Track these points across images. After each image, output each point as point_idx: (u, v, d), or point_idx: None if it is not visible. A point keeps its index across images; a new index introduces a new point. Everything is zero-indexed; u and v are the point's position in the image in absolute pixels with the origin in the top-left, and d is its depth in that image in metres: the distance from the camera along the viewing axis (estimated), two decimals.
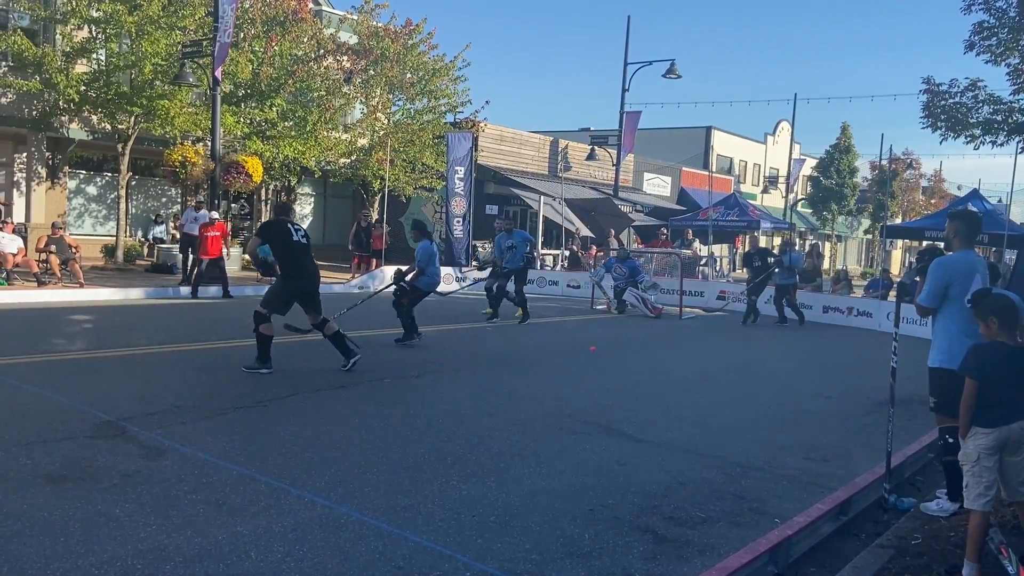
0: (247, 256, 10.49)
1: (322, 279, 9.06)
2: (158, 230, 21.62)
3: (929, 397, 5.16)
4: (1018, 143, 17.68)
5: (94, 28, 17.54)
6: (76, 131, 19.33)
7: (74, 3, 17.05)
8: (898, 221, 42.87)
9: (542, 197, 24.84)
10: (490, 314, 13.92)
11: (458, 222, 21.70)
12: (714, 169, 38.86)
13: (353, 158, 22.69)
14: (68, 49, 17.39)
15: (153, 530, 4.10)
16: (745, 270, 20.15)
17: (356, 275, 19.83)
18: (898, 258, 53.48)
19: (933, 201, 49.18)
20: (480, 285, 15.34)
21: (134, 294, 14.77)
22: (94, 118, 18.97)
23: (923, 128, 18.61)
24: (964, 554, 3.93)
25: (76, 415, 6.16)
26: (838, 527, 4.88)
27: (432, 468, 5.38)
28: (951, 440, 4.80)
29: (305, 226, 26.81)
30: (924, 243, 25.15)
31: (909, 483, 5.94)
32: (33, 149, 19.40)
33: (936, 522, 4.85)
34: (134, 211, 22.15)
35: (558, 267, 24.93)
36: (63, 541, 3.91)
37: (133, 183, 21.40)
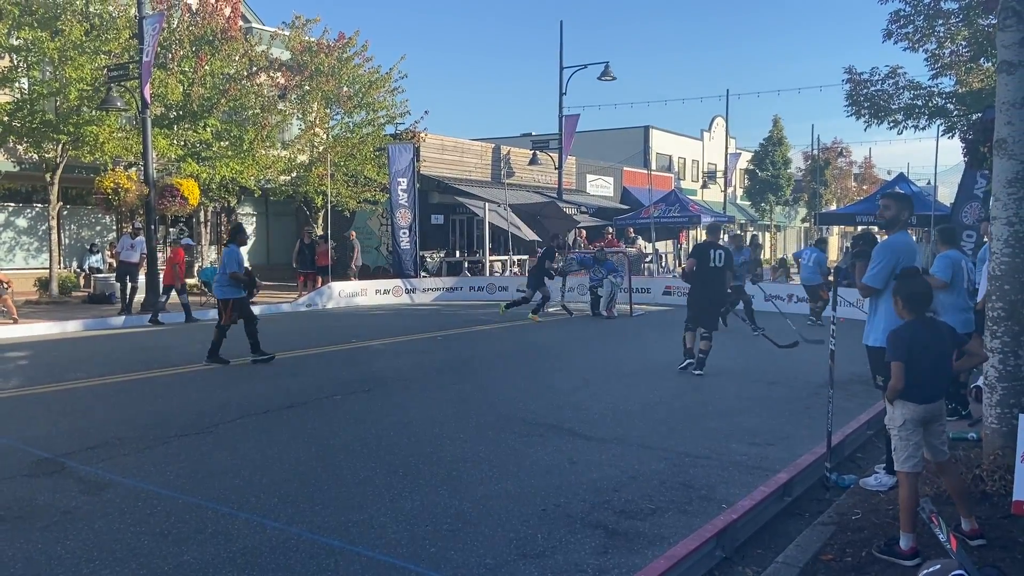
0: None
1: (269, 299, 8.92)
2: (94, 259, 21.04)
3: (874, 376, 5.31)
4: (939, 126, 18.36)
5: (15, 56, 17.03)
6: (2, 163, 18.72)
7: None
8: (832, 208, 44.11)
9: (487, 204, 24.89)
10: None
11: (404, 233, 21.61)
12: (654, 167, 39.41)
13: (293, 175, 22.43)
14: None
15: (96, 566, 4.00)
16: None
17: (303, 293, 19.59)
18: (835, 244, 54.93)
19: (865, 187, 50.66)
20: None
21: (71, 327, 14.35)
22: (20, 148, 18.39)
23: (848, 116, 19.15)
24: (900, 526, 4.08)
25: (13, 454, 5.97)
26: (782, 508, 5.02)
27: (383, 481, 5.36)
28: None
29: (248, 246, 26.53)
30: (859, 228, 25.92)
31: (850, 460, 6.14)
32: None
33: (875, 496, 5.02)
34: (67, 241, 21.53)
35: (507, 272, 25.01)
36: None
37: (65, 213, 20.81)
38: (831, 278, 15.20)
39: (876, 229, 14.72)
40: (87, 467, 5.65)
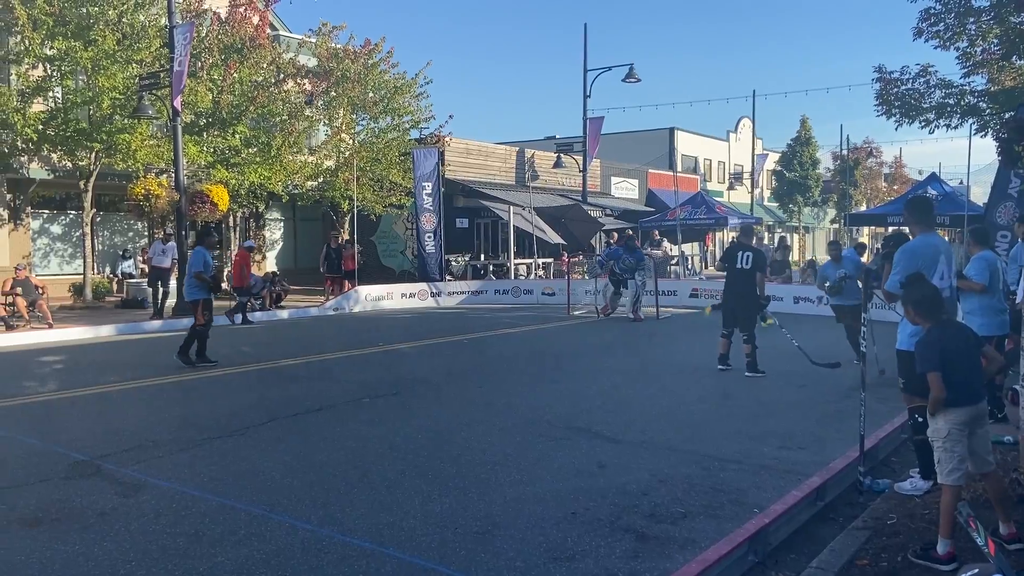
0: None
1: (297, 303, 9.02)
2: (126, 265, 21.39)
3: (899, 378, 5.26)
4: (972, 125, 18.08)
5: (49, 66, 17.38)
6: (36, 171, 19.09)
7: (27, 42, 16.87)
8: (862, 209, 43.55)
9: (511, 207, 24.93)
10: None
11: (429, 237, 21.71)
12: (679, 169, 39.20)
13: (320, 180, 22.63)
14: (24, 88, 17.20)
15: (133, 566, 4.07)
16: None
17: (330, 297, 19.75)
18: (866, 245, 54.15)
19: (895, 187, 49.97)
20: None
21: (105, 331, 14.59)
22: (54, 156, 18.74)
23: (878, 116, 18.96)
24: (938, 531, 4.02)
25: (50, 457, 6.08)
26: (815, 512, 4.96)
27: (413, 484, 5.39)
28: (920, 419, 4.89)
29: (276, 251, 26.80)
30: (889, 229, 25.54)
31: (883, 465, 6.05)
32: None
33: (911, 501, 4.95)
34: (100, 247, 21.90)
35: (532, 276, 25.02)
36: None
37: (98, 219, 21.17)
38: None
39: (907, 230, 14.51)
40: (122, 469, 5.74)
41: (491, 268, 25.35)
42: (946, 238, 11.64)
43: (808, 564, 4.10)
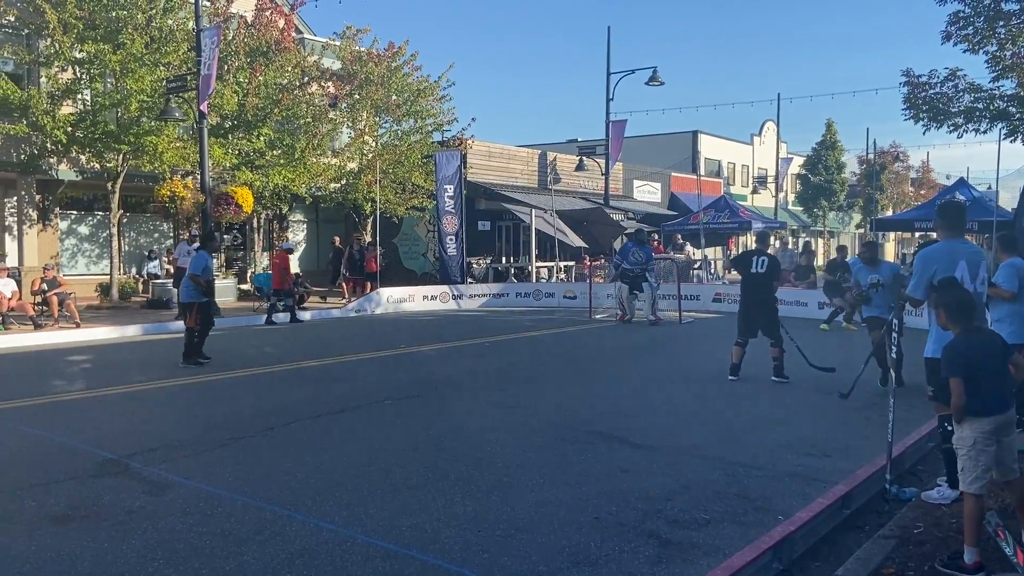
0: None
1: (319, 305, 9.09)
2: (152, 266, 21.65)
3: (927, 386, 5.21)
4: (1001, 129, 17.84)
5: (78, 69, 17.65)
6: (65, 172, 19.40)
7: (57, 45, 17.16)
8: (889, 213, 43.11)
9: (533, 210, 24.94)
10: None
11: (450, 240, 21.77)
12: (703, 172, 39.01)
13: (343, 182, 22.79)
14: (53, 91, 17.49)
15: (160, 564, 4.12)
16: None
17: (352, 299, 19.87)
18: (891, 251, 53.61)
19: (923, 192, 49.44)
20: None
21: (131, 331, 14.78)
22: (82, 158, 19.04)
23: (906, 120, 18.90)
24: (964, 540, 3.97)
25: (79, 455, 6.18)
26: (841, 520, 4.91)
27: (436, 486, 5.40)
28: (950, 428, 4.82)
29: (298, 253, 27.01)
30: (916, 234, 25.24)
31: (910, 473, 5.98)
32: (23, 192, 19.45)
33: (938, 510, 4.89)
34: (127, 248, 22.19)
35: (554, 279, 25.00)
36: None
37: (124, 220, 21.46)
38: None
39: (935, 236, 14.33)
40: (149, 468, 5.82)
41: (512, 271, 25.37)
42: (974, 243, 11.46)
43: (833, 572, 4.06)
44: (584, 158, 29.86)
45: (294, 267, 25.04)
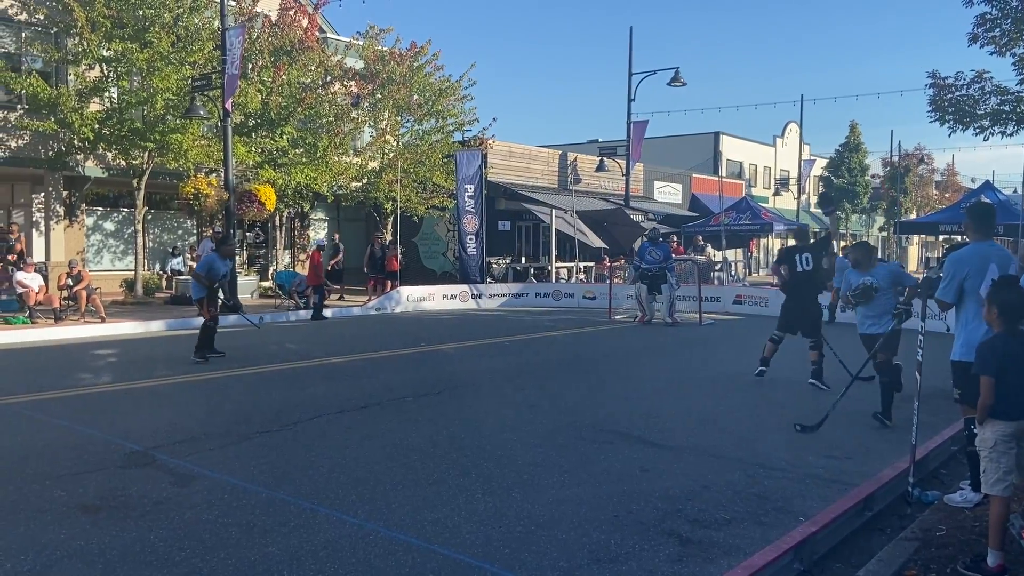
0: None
1: (339, 303, 9.18)
2: (175, 262, 21.91)
3: (953, 389, 5.18)
4: None
5: (105, 67, 17.91)
6: (92, 169, 19.68)
7: (86, 44, 17.42)
8: (913, 216, 42.67)
9: (553, 211, 24.95)
10: None
11: (471, 239, 21.84)
12: (724, 174, 38.87)
13: (364, 181, 22.93)
14: (81, 88, 17.75)
15: (187, 554, 4.19)
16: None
17: (373, 297, 19.99)
18: (914, 254, 53.07)
19: (947, 195, 48.89)
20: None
21: (155, 326, 14.98)
22: (109, 155, 19.30)
23: (931, 122, 18.75)
24: (988, 543, 3.95)
25: (106, 446, 6.29)
26: (863, 522, 4.90)
27: (457, 482, 5.45)
28: (976, 431, 4.81)
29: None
30: (940, 237, 24.97)
31: (933, 476, 5.94)
32: (50, 189, 19.75)
33: (961, 513, 4.86)
34: (151, 245, 22.47)
35: (573, 279, 25.00)
36: (101, 568, 4.01)
37: (149, 217, 21.73)
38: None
39: (963, 238, 14.18)
40: (176, 460, 5.91)
41: (532, 271, 25.40)
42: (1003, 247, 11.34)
43: (855, 574, 4.06)
44: (605, 159, 29.81)
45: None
